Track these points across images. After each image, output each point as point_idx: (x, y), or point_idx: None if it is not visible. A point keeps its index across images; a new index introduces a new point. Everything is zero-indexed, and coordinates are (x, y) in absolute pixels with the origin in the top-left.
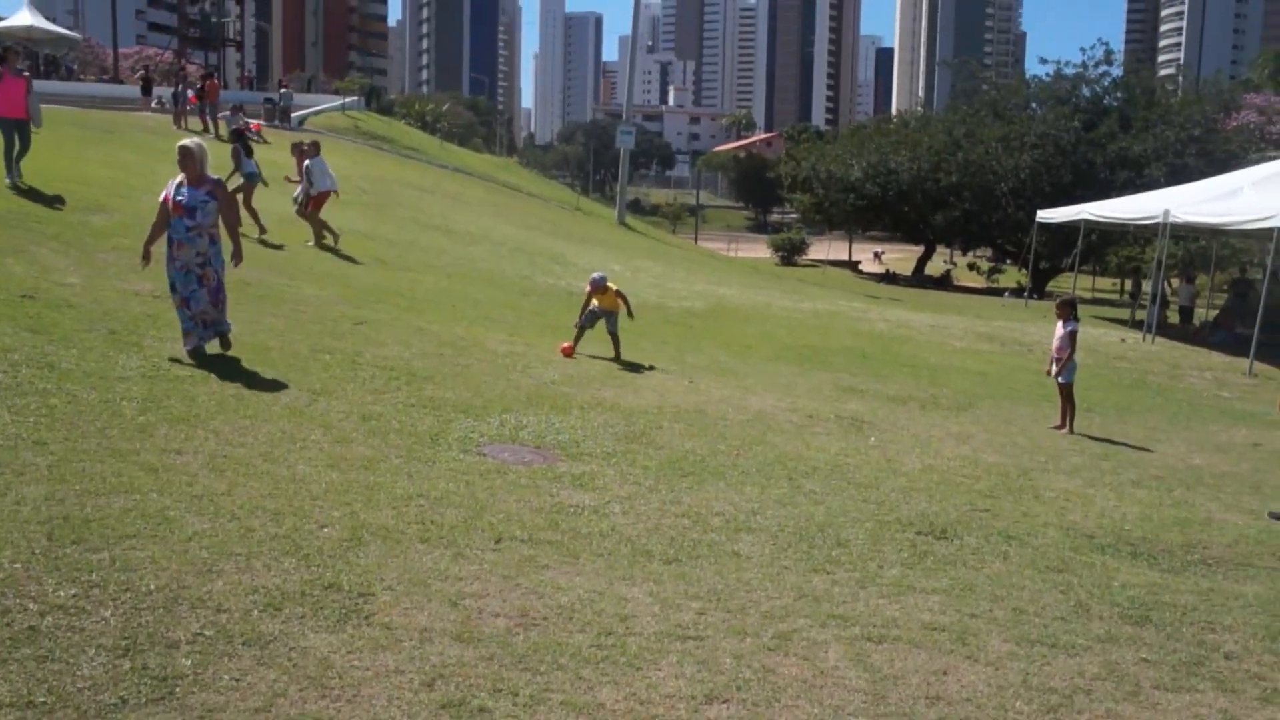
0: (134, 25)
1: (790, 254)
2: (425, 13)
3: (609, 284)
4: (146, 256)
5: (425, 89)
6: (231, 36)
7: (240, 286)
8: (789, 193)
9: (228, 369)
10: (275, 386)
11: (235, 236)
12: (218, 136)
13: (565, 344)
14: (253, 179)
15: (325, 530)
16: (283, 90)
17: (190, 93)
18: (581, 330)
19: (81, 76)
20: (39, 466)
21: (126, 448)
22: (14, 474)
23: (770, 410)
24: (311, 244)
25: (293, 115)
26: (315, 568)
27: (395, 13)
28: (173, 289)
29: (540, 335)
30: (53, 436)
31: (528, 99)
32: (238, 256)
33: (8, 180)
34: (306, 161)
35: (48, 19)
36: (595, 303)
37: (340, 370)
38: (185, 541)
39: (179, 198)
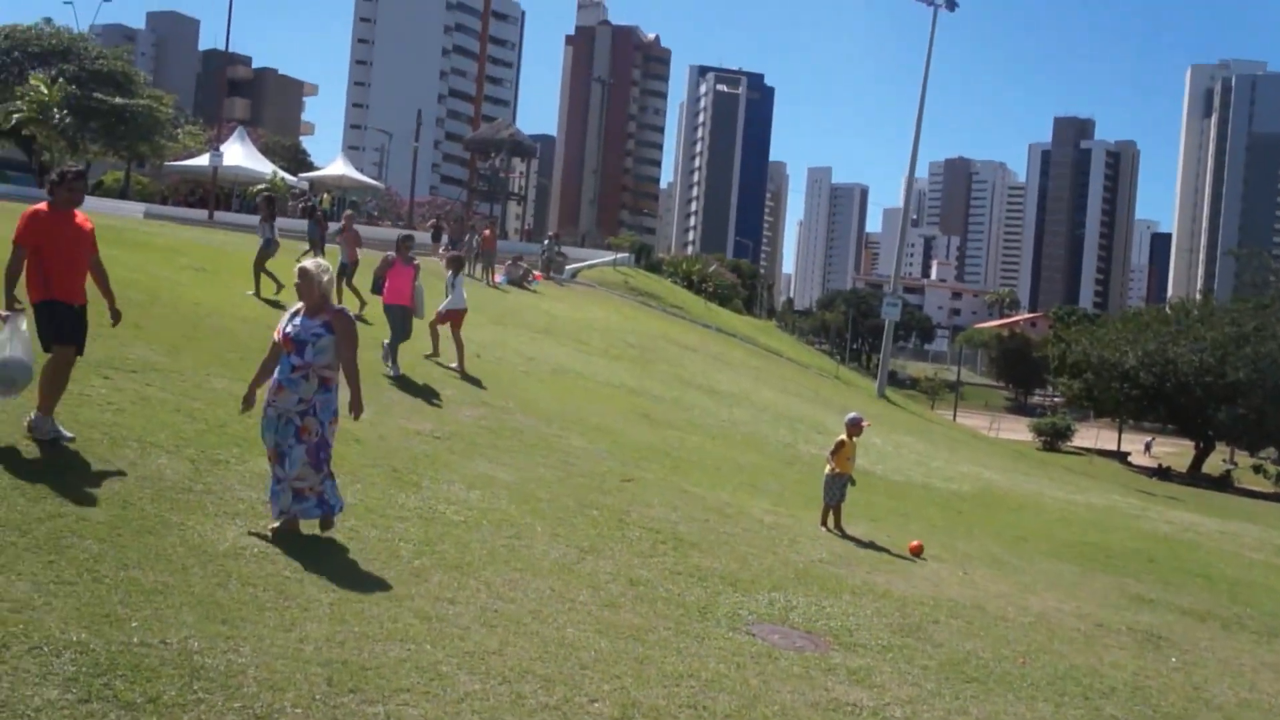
0: (429, 177)
1: (1054, 439)
2: (696, 176)
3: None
4: (249, 400)
5: (691, 249)
6: (515, 191)
7: (514, 434)
8: (1056, 375)
9: (499, 517)
10: (545, 540)
11: (354, 382)
12: (490, 285)
13: (913, 542)
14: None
15: (595, 705)
16: (547, 240)
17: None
18: (835, 507)
19: (380, 222)
20: (322, 603)
21: (402, 592)
22: (300, 609)
23: (1054, 614)
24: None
25: (566, 268)
26: None
27: (668, 175)
28: (265, 441)
29: (805, 508)
30: (335, 573)
31: (789, 264)
32: (356, 407)
33: (391, 371)
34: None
35: (357, 169)
36: (837, 468)
37: (608, 528)
38: (457, 703)
39: (288, 330)
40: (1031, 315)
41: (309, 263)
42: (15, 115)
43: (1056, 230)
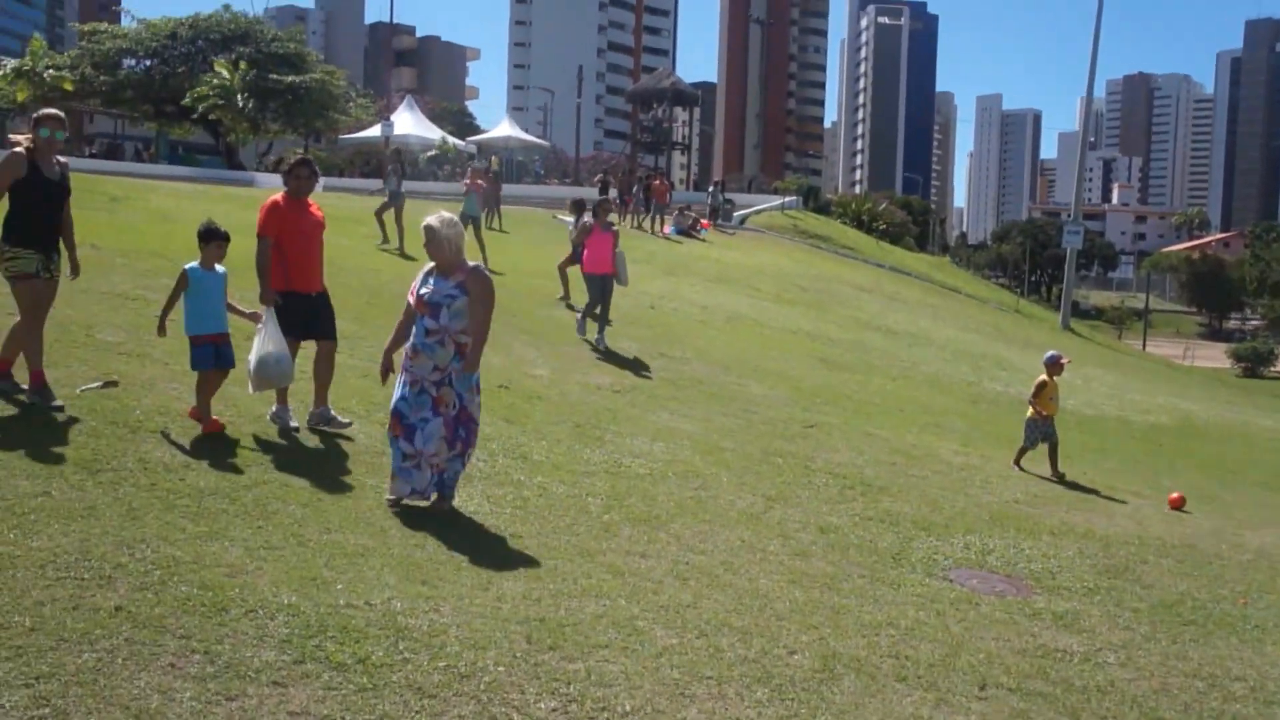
0: (593, 133)
1: (1255, 365)
2: (861, 113)
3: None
4: (386, 366)
5: (858, 188)
6: (679, 140)
7: (693, 384)
8: (1255, 297)
9: (684, 469)
10: (731, 490)
11: (478, 343)
12: (660, 235)
13: (1173, 494)
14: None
15: (795, 658)
16: (713, 188)
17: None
18: (1030, 449)
19: (547, 180)
20: (516, 561)
21: (594, 547)
22: (495, 567)
23: (1274, 549)
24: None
25: (734, 214)
26: (789, 701)
27: (831, 114)
28: (395, 415)
29: (995, 447)
30: (526, 530)
31: (960, 198)
32: (469, 364)
33: (596, 340)
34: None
35: (522, 129)
36: (1042, 410)
37: (793, 476)
38: (656, 658)
39: (422, 291)
40: (1224, 235)
41: (433, 219)
42: (202, 102)
43: (1250, 143)
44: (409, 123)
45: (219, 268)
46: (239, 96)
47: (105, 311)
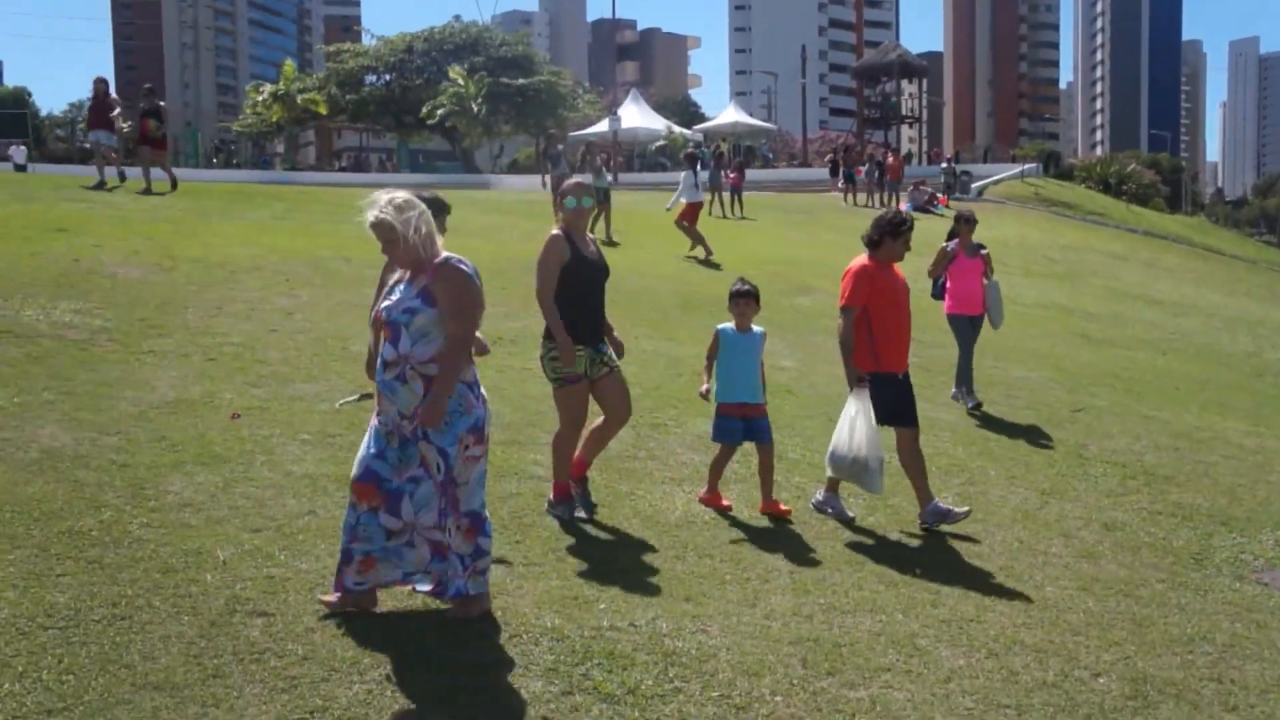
0: (818, 112)
1: None
2: (1099, 71)
3: None
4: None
5: (1099, 150)
6: (907, 114)
7: (947, 369)
8: None
9: (947, 462)
10: (1001, 484)
11: (444, 373)
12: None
13: None
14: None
15: (1100, 681)
16: (946, 163)
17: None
18: None
19: (775, 163)
20: (781, 573)
21: (860, 554)
22: (760, 580)
23: None
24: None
25: (971, 186)
26: None
27: (1066, 74)
28: (368, 480)
29: None
30: (788, 536)
31: (1213, 152)
32: (427, 408)
33: (966, 403)
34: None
35: (747, 114)
36: None
37: (1066, 466)
38: (944, 683)
39: (384, 304)
40: None
41: (382, 202)
42: (440, 110)
43: None
44: (635, 115)
45: (755, 328)
46: (473, 103)
47: (359, 324)
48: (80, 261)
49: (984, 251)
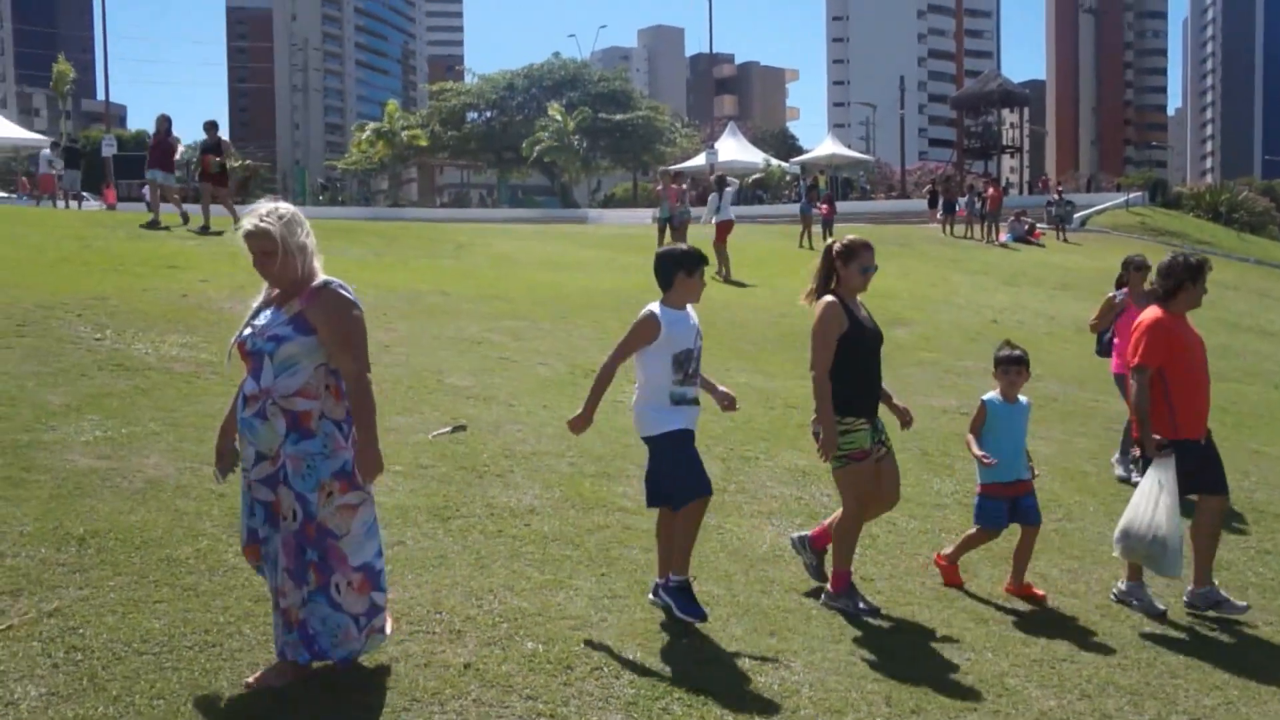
0: (916, 143)
1: None
2: (1209, 95)
3: None
4: (219, 458)
5: (1209, 177)
6: (1008, 144)
7: (1046, 402)
8: None
9: (1044, 497)
10: (1100, 520)
11: (361, 410)
12: (995, 244)
13: None
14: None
15: None
16: (1055, 198)
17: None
18: None
19: (873, 194)
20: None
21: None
22: (845, 616)
23: None
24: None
25: (1074, 216)
26: None
27: (1174, 100)
28: (249, 536)
29: None
30: (878, 572)
31: None
32: (366, 460)
33: (1123, 472)
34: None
35: (844, 145)
36: None
37: None
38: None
39: (246, 331)
40: None
41: (263, 210)
42: (539, 146)
43: None
44: (733, 148)
45: (1022, 398)
46: (572, 138)
47: (453, 356)
48: (188, 297)
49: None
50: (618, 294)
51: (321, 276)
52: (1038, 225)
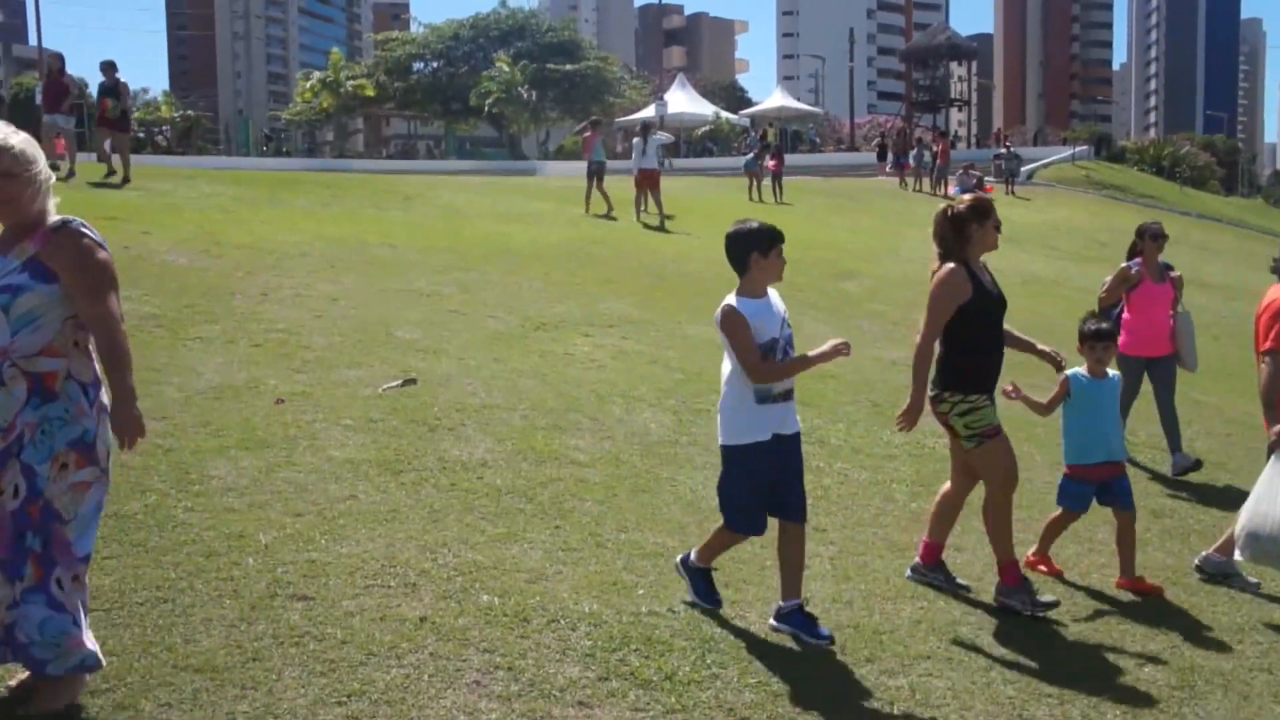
0: (865, 96)
1: None
2: (1153, 51)
3: None
4: None
5: (1152, 131)
6: (956, 97)
7: None
8: None
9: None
10: (1045, 469)
11: (116, 361)
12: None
13: None
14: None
15: (1146, 670)
16: (1002, 151)
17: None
18: None
19: (822, 147)
20: (822, 558)
21: (903, 540)
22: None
23: None
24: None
25: (1021, 169)
26: None
27: (1120, 55)
28: None
29: None
30: (830, 522)
31: (1271, 132)
32: (124, 419)
33: (1176, 462)
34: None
35: (794, 98)
36: None
37: None
38: (986, 671)
39: None
40: None
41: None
42: (487, 97)
43: None
44: (682, 100)
45: (1111, 372)
46: (520, 89)
47: (402, 309)
48: (129, 249)
49: (1174, 274)
50: (567, 246)
51: (57, 215)
52: (985, 179)
